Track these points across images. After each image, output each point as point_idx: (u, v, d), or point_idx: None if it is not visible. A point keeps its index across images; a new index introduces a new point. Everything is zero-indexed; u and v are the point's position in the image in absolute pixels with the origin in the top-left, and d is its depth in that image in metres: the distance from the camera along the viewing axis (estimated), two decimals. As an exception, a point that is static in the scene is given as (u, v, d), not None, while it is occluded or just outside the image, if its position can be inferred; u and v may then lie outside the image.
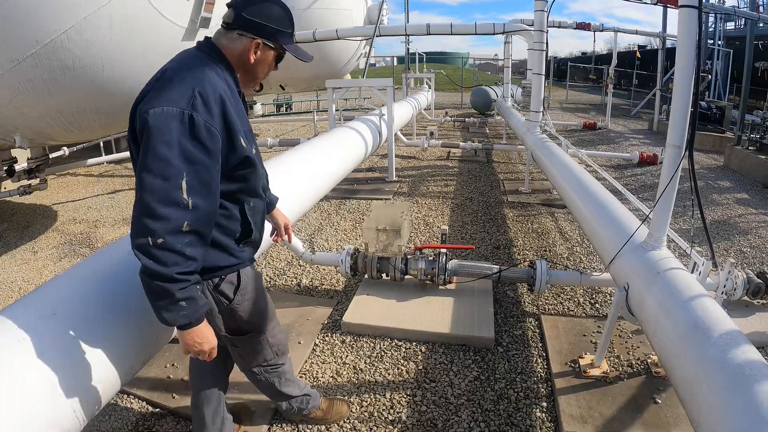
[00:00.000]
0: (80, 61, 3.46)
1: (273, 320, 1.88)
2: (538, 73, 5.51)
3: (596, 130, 11.39)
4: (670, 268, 2.15)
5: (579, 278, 3.10)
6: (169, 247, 1.27)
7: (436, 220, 5.29)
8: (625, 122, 12.86)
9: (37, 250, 4.96)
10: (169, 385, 2.61)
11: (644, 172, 7.37)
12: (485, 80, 20.51)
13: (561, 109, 16.50)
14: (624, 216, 2.85)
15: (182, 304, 1.32)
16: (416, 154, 9.10)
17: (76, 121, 4.04)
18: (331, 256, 3.51)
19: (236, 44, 1.50)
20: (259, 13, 1.47)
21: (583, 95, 21.28)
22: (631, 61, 17.00)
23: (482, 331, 2.91)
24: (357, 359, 2.88)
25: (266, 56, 1.56)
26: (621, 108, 15.38)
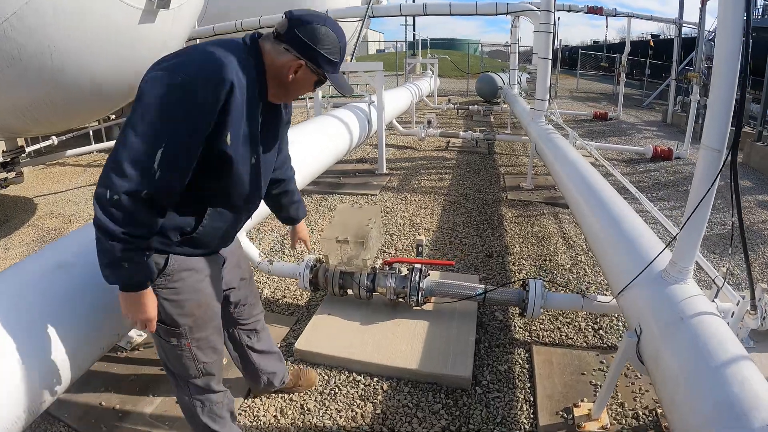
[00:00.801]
0: (25, 50, 3.08)
1: (204, 330, 1.67)
2: (545, 57, 4.91)
3: (607, 120, 10.71)
4: (698, 313, 1.61)
5: (581, 303, 2.55)
6: (123, 206, 1.25)
7: (423, 221, 4.75)
8: (637, 113, 12.15)
9: (10, 246, 4.56)
10: (100, 414, 2.32)
11: (658, 168, 6.75)
12: (493, 67, 19.76)
13: (571, 98, 15.74)
14: (639, 231, 2.30)
15: (124, 265, 1.31)
16: (413, 144, 8.52)
17: (32, 114, 3.69)
18: (290, 268, 3.00)
19: (279, 56, 1.45)
20: (311, 35, 1.42)
21: (594, 84, 20.46)
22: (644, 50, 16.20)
23: (457, 367, 2.39)
24: (306, 396, 2.39)
25: (305, 78, 1.49)
26: (633, 98, 14.63)
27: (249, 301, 2.03)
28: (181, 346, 1.64)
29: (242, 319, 2.04)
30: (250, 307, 2.05)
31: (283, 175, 1.95)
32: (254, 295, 2.08)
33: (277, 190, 1.96)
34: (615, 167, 6.62)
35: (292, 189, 2.03)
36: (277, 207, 2.06)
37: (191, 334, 1.63)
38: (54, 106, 3.67)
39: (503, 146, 8.28)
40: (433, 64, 12.82)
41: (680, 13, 10.58)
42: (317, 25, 1.42)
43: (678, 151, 7.07)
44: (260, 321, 2.14)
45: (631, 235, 2.27)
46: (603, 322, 2.90)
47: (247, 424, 2.26)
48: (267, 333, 2.22)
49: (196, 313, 1.62)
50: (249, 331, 2.09)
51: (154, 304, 1.47)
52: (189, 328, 1.61)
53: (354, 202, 5.40)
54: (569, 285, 3.38)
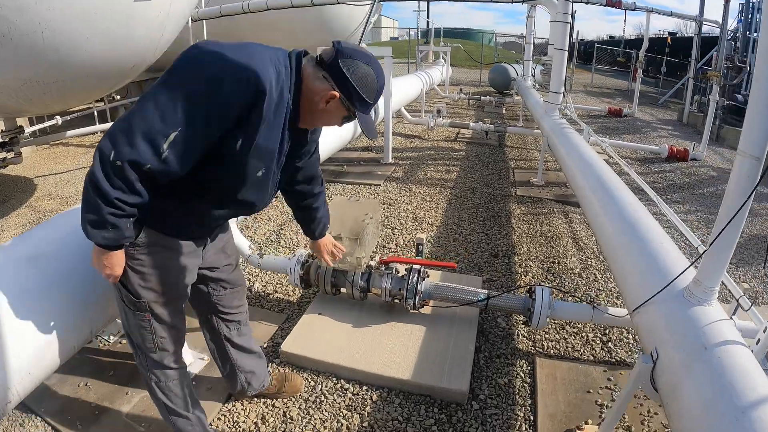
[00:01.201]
0: (15, 28, 2.92)
1: (165, 307, 1.64)
2: (561, 48, 4.66)
3: (621, 117, 10.38)
4: (723, 342, 1.42)
5: (590, 314, 2.36)
6: (124, 174, 1.24)
7: (427, 215, 4.56)
8: (652, 111, 11.78)
9: (5, 228, 4.47)
10: (77, 409, 2.24)
11: (673, 169, 6.47)
12: (507, 58, 19.34)
13: (585, 93, 15.34)
14: (659, 241, 2.09)
15: (107, 227, 1.31)
16: (421, 134, 8.30)
17: (24, 95, 3.55)
18: (281, 262, 2.84)
19: (316, 82, 1.43)
20: (353, 70, 1.40)
21: (609, 80, 19.97)
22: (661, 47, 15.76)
23: (454, 380, 2.22)
24: (289, 403, 2.24)
25: (335, 111, 1.48)
26: (648, 95, 14.24)
27: (232, 287, 1.92)
28: (141, 316, 1.62)
29: (222, 305, 1.92)
30: (232, 294, 1.93)
31: (306, 191, 1.94)
32: (239, 285, 1.97)
33: (300, 203, 1.98)
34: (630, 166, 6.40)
35: (315, 206, 2.01)
36: (297, 217, 2.11)
37: (151, 308, 1.61)
38: (47, 86, 3.52)
39: (514, 139, 8.03)
40: (446, 52, 12.51)
41: (701, 10, 10.17)
42: (362, 62, 1.41)
43: (694, 153, 6.79)
44: (243, 314, 2.03)
45: (650, 244, 2.07)
46: (612, 334, 2.71)
47: (226, 429, 2.13)
48: (249, 330, 2.10)
49: (159, 289, 1.59)
50: (229, 322, 1.98)
51: (122, 263, 1.48)
52: (149, 302, 1.60)
53: (356, 192, 5.22)
54: (578, 291, 3.19)
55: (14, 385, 1.67)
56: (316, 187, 1.96)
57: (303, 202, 1.97)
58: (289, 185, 1.88)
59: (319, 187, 1.97)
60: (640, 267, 1.98)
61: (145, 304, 1.59)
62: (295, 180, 1.86)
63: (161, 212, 1.47)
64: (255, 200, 1.56)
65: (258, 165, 1.43)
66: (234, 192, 1.48)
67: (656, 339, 1.66)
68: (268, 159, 1.45)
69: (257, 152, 1.39)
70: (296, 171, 1.82)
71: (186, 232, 1.57)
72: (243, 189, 1.47)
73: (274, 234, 4.13)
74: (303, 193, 1.93)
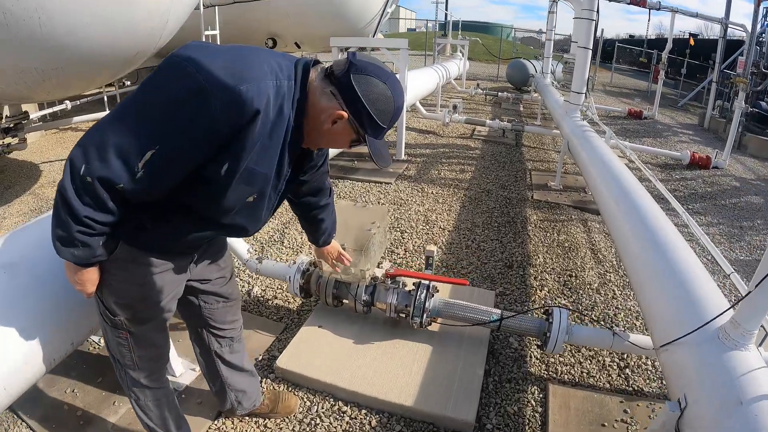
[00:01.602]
0: (11, 14, 2.81)
1: (143, 325, 1.52)
2: (585, 47, 4.41)
3: (642, 119, 10.03)
4: (763, 397, 1.24)
5: (610, 341, 2.18)
6: (93, 191, 1.11)
7: (439, 218, 4.37)
8: (672, 114, 11.37)
9: (7, 216, 4.41)
10: (63, 417, 2.15)
11: (695, 177, 6.18)
12: (525, 54, 18.93)
13: (604, 92, 14.91)
14: (692, 269, 1.89)
15: (76, 245, 1.20)
16: (436, 129, 8.08)
17: (24, 82, 3.44)
18: (280, 269, 2.68)
19: (322, 99, 1.23)
20: (366, 88, 1.20)
21: (629, 80, 19.45)
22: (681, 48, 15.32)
23: (460, 409, 2.04)
24: (282, 424, 2.10)
25: (343, 132, 1.28)
26: (668, 97, 13.80)
27: (225, 301, 1.77)
28: (118, 333, 1.52)
29: (213, 319, 1.77)
30: (225, 308, 1.78)
31: (312, 203, 1.79)
32: (233, 299, 1.81)
33: (305, 213, 1.84)
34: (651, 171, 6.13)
35: (321, 218, 1.87)
36: (302, 224, 1.96)
37: (129, 325, 1.50)
38: (46, 73, 3.39)
39: (532, 138, 7.78)
40: (464, 46, 12.22)
41: (726, 12, 9.76)
42: (377, 79, 1.21)
43: (716, 161, 6.48)
44: (236, 330, 1.87)
45: (682, 273, 1.87)
46: (630, 359, 2.52)
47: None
48: (242, 347, 1.95)
49: (137, 306, 1.47)
50: (220, 338, 1.83)
51: (94, 280, 1.36)
52: (126, 319, 1.48)
53: (366, 191, 5.04)
54: (595, 309, 2.99)
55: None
56: (323, 199, 1.80)
57: (309, 213, 1.83)
58: (294, 196, 1.74)
59: (326, 199, 1.82)
60: (671, 299, 1.79)
61: (122, 321, 1.47)
62: (299, 192, 1.71)
63: (137, 228, 1.31)
64: (245, 225, 1.39)
65: (248, 190, 1.25)
66: (219, 217, 1.31)
67: (685, 384, 1.48)
68: (262, 184, 1.26)
69: (248, 177, 1.21)
70: (301, 184, 1.66)
71: (165, 250, 1.41)
72: (230, 214, 1.31)
73: (278, 233, 3.98)
74: (308, 204, 1.78)
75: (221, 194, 1.22)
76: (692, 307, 1.67)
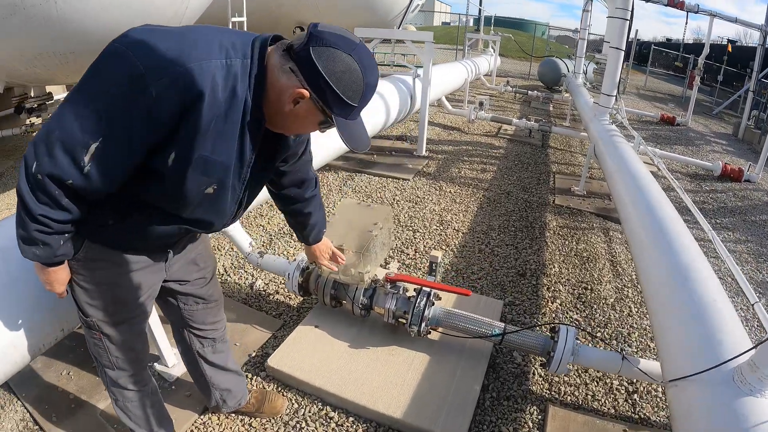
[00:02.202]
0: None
1: (117, 327, 1.45)
2: (617, 47, 4.19)
3: (674, 126, 9.61)
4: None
5: (619, 365, 2.03)
6: (45, 188, 1.06)
7: (454, 219, 4.24)
8: (706, 121, 10.86)
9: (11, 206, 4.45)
10: (56, 399, 2.17)
11: (725, 189, 5.86)
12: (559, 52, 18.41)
13: (637, 96, 14.38)
14: (712, 296, 1.74)
15: (38, 244, 1.15)
16: (461, 126, 7.91)
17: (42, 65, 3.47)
18: (280, 265, 2.61)
19: (281, 77, 1.11)
20: (329, 62, 1.06)
21: (663, 84, 18.74)
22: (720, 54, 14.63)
23: (450, 425, 1.93)
24: (267, 425, 2.05)
25: (307, 113, 1.14)
26: (702, 104, 13.23)
27: (205, 302, 1.70)
28: (92, 333, 1.46)
29: (194, 321, 1.72)
30: (206, 310, 1.72)
31: (297, 195, 1.66)
32: (213, 301, 1.74)
33: (290, 208, 1.72)
34: (680, 182, 5.85)
35: (308, 212, 1.74)
36: (289, 221, 1.83)
37: (102, 328, 1.44)
38: (63, 57, 3.40)
39: (559, 140, 7.54)
40: (495, 41, 11.93)
41: (767, 19, 9.23)
42: (341, 51, 1.07)
43: (749, 174, 6.14)
44: (218, 331, 1.81)
45: (701, 301, 1.71)
46: (639, 385, 2.37)
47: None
48: (226, 347, 1.89)
49: (109, 308, 1.41)
50: (202, 339, 1.78)
51: (63, 280, 1.31)
52: (99, 321, 1.42)
53: (378, 192, 4.95)
54: (608, 326, 2.84)
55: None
56: (308, 191, 1.68)
57: (292, 207, 1.71)
58: (275, 188, 1.63)
59: (311, 191, 1.69)
60: (687, 330, 1.64)
61: (95, 323, 1.41)
62: (280, 184, 1.60)
63: (99, 225, 1.25)
64: (210, 219, 1.30)
65: (205, 181, 1.16)
66: (179, 211, 1.23)
67: (692, 426, 1.35)
68: (220, 173, 1.17)
69: (201, 167, 1.12)
70: (281, 175, 1.55)
71: (131, 247, 1.34)
72: (189, 208, 1.22)
73: (287, 226, 3.92)
74: (291, 197, 1.66)
75: (176, 187, 1.13)
76: (709, 342, 1.53)
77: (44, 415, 2.08)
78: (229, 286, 3.06)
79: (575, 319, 2.89)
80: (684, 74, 16.26)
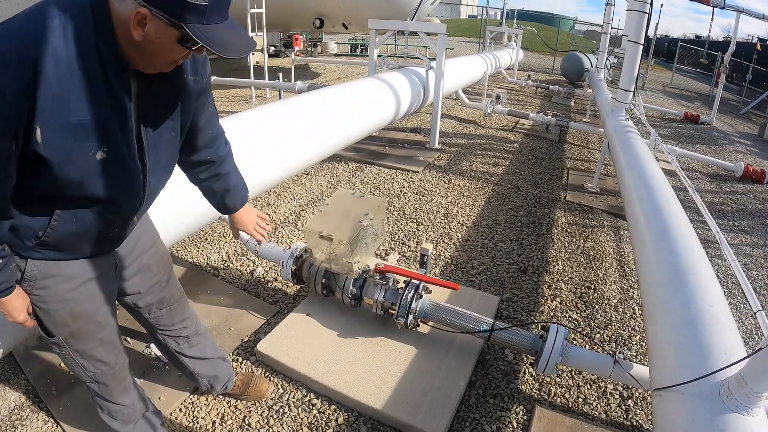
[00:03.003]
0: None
1: (85, 343, 1.41)
2: (635, 41, 4.05)
3: (698, 124, 9.28)
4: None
5: (609, 369, 1.97)
6: None
7: (460, 212, 4.19)
8: (731, 121, 10.45)
9: None
10: (56, 375, 2.21)
11: (746, 191, 5.64)
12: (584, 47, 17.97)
13: (663, 93, 13.95)
14: (709, 300, 1.66)
15: None
16: (477, 119, 7.80)
17: None
18: (276, 252, 2.61)
19: (120, 7, 1.00)
20: None
21: (690, 82, 18.13)
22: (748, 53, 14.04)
23: (430, 420, 1.91)
24: (252, 408, 2.06)
25: (160, 35, 1.01)
26: (729, 103, 12.75)
27: (167, 305, 1.68)
28: (63, 354, 1.43)
29: (162, 325, 1.71)
30: (171, 312, 1.70)
31: (211, 156, 1.54)
32: (176, 300, 1.72)
33: (206, 173, 1.58)
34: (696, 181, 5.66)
35: (225, 172, 1.61)
36: (208, 193, 1.66)
37: (70, 345, 1.40)
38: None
39: (577, 135, 7.38)
40: (517, 35, 11.71)
41: None
42: None
43: None
44: (189, 328, 1.80)
45: (698, 307, 1.63)
46: (635, 390, 2.30)
47: (184, 423, 2.00)
48: (203, 339, 1.88)
49: (71, 324, 1.36)
50: (176, 338, 1.77)
51: (22, 307, 1.27)
52: (65, 338, 1.38)
53: (385, 184, 4.91)
54: (608, 328, 2.77)
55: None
56: (221, 149, 1.57)
57: (209, 171, 1.57)
58: (190, 153, 1.50)
59: (224, 148, 1.59)
60: (676, 335, 1.57)
61: (61, 341, 1.38)
62: (195, 146, 1.48)
63: (31, 243, 1.21)
64: (111, 196, 1.18)
65: (85, 146, 1.07)
66: (87, 191, 1.14)
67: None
68: (97, 132, 1.07)
69: (71, 131, 1.04)
70: (197, 134, 1.44)
71: (76, 251, 1.29)
72: (84, 184, 1.12)
73: (294, 215, 3.94)
74: (206, 161, 1.54)
75: (62, 165, 1.06)
76: (699, 351, 1.45)
77: (45, 389, 2.14)
78: (231, 272, 3.08)
79: (574, 319, 2.83)
80: (711, 72, 15.76)
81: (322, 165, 5.09)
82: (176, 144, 1.35)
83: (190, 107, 1.33)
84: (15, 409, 2.05)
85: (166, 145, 1.29)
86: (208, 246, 3.39)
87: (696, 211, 4.19)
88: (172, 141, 1.31)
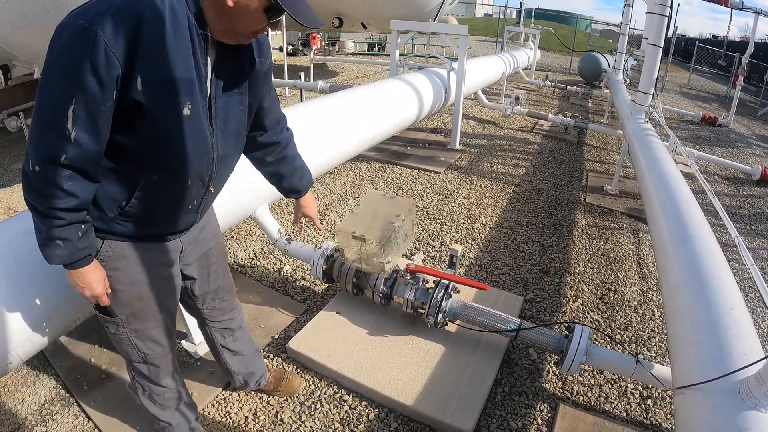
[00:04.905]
0: None
1: (144, 323, 1.50)
2: (655, 44, 4.07)
3: (715, 126, 9.17)
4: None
5: (632, 369, 2.04)
6: (44, 177, 1.11)
7: (483, 213, 4.26)
8: (749, 123, 10.29)
9: None
10: (87, 370, 2.31)
11: (764, 195, 5.58)
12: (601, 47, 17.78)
13: (680, 94, 13.78)
14: (730, 303, 1.73)
15: (58, 243, 1.19)
16: (496, 120, 7.84)
17: None
18: (306, 252, 2.72)
19: None
20: None
21: (707, 83, 17.83)
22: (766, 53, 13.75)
23: (458, 417, 2.01)
24: (285, 404, 2.16)
25: (249, 4, 1.14)
26: (747, 105, 12.53)
27: (220, 296, 1.80)
28: (119, 334, 1.51)
29: (213, 317, 1.82)
30: (222, 303, 1.82)
31: (276, 138, 1.66)
32: (228, 291, 1.84)
33: (272, 156, 1.70)
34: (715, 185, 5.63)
35: (291, 154, 1.74)
36: (275, 177, 1.78)
37: (128, 324, 1.49)
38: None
39: (595, 137, 7.37)
40: (535, 35, 11.68)
41: None
42: None
43: None
44: (235, 320, 1.91)
45: (719, 309, 1.70)
46: (654, 390, 2.36)
47: (217, 418, 2.10)
48: (245, 334, 2.00)
49: (136, 304, 1.46)
50: (222, 330, 1.89)
51: (101, 279, 1.33)
52: (126, 318, 1.47)
53: (408, 184, 5.00)
54: (629, 329, 2.82)
55: (14, 348, 1.69)
56: (286, 132, 1.70)
57: (277, 154, 1.69)
58: (260, 134, 1.62)
59: (288, 132, 1.72)
60: (698, 336, 1.64)
61: (121, 321, 1.47)
62: (265, 126, 1.60)
63: (112, 215, 1.29)
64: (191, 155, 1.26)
65: (175, 101, 1.16)
66: (167, 146, 1.22)
67: (697, 434, 1.36)
68: (187, 90, 1.17)
69: (168, 85, 1.14)
70: (265, 115, 1.56)
71: (152, 226, 1.38)
72: (171, 141, 1.21)
73: (319, 214, 4.02)
74: (274, 142, 1.66)
75: (148, 111, 1.14)
76: (720, 352, 1.52)
77: (76, 384, 2.23)
78: (258, 270, 3.19)
79: (595, 320, 2.89)
80: (729, 73, 15.48)
81: (345, 165, 5.19)
82: (244, 119, 1.43)
83: (258, 87, 1.43)
84: (45, 404, 2.14)
85: (235, 117, 1.37)
86: (235, 244, 3.51)
87: (714, 215, 4.20)
88: (240, 115, 1.40)
